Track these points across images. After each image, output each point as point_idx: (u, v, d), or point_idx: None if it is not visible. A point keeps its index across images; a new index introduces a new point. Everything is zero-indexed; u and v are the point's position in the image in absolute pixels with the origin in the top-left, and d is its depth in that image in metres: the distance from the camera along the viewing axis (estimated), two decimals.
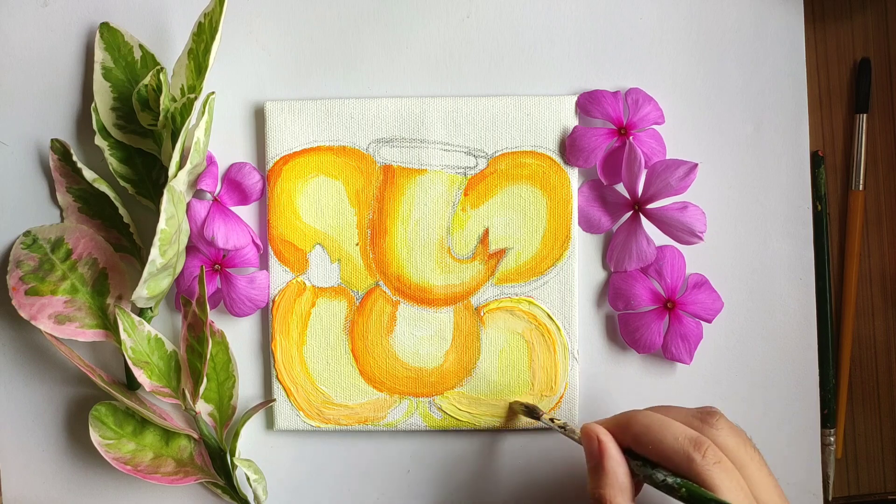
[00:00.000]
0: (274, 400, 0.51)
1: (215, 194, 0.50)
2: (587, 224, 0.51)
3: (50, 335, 0.48)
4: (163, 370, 0.49)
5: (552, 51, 0.51)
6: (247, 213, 0.51)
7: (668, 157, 0.50)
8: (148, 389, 0.48)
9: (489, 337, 0.50)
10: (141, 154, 0.50)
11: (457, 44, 0.51)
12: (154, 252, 0.44)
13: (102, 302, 0.49)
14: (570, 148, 0.50)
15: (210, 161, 0.50)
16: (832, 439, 0.52)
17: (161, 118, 0.47)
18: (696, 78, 0.51)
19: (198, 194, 0.50)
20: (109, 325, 0.49)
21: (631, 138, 0.49)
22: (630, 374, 0.51)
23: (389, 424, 0.51)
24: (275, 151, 0.50)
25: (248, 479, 0.50)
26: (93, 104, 0.50)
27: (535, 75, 0.51)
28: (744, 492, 0.39)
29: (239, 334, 0.51)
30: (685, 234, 0.48)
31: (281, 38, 0.51)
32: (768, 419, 0.51)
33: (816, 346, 0.51)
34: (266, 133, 0.50)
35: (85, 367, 0.48)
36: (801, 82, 0.51)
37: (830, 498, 0.52)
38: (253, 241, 0.50)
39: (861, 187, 0.52)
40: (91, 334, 0.48)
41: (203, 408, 0.50)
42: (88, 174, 0.48)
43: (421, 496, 0.52)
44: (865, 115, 0.52)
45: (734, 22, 0.51)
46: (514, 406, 0.50)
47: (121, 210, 0.49)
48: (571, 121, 0.50)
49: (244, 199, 0.51)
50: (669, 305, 0.49)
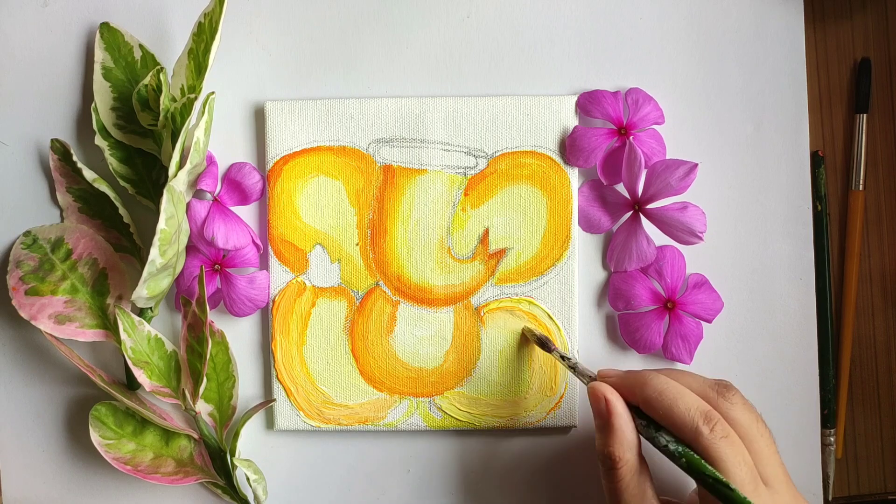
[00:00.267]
0: (274, 400, 0.51)
1: (215, 194, 0.50)
2: (587, 224, 0.51)
3: (50, 335, 0.48)
4: (163, 370, 0.49)
5: (552, 51, 0.51)
6: (247, 213, 0.51)
7: (668, 157, 0.50)
8: (148, 389, 0.48)
9: (489, 337, 0.50)
10: (141, 154, 0.50)
11: (457, 44, 0.51)
12: (154, 252, 0.44)
13: (102, 302, 0.49)
14: (570, 148, 0.50)
15: (210, 161, 0.50)
16: (832, 439, 0.52)
17: (161, 118, 0.47)
18: (696, 78, 0.51)
19: (198, 194, 0.50)
20: (109, 325, 0.49)
21: (631, 138, 0.49)
22: None
23: (389, 424, 0.51)
24: (275, 151, 0.50)
25: (248, 479, 0.50)
26: (93, 104, 0.50)
27: (535, 75, 0.51)
28: (748, 466, 0.40)
29: (239, 334, 0.51)
30: (685, 234, 0.48)
31: (281, 38, 0.51)
32: (768, 419, 0.51)
33: (816, 346, 0.51)
34: (266, 133, 0.50)
35: (85, 367, 0.48)
36: (801, 82, 0.51)
37: (830, 498, 0.52)
38: (253, 241, 0.50)
39: (861, 187, 0.52)
40: (91, 334, 0.48)
41: (203, 408, 0.50)
42: (88, 174, 0.48)
43: (421, 496, 0.52)
44: (865, 115, 0.52)
45: (734, 22, 0.51)
46: (526, 333, 0.50)
47: (121, 210, 0.49)
48: (571, 121, 0.50)
49: (244, 199, 0.51)
50: (669, 305, 0.49)
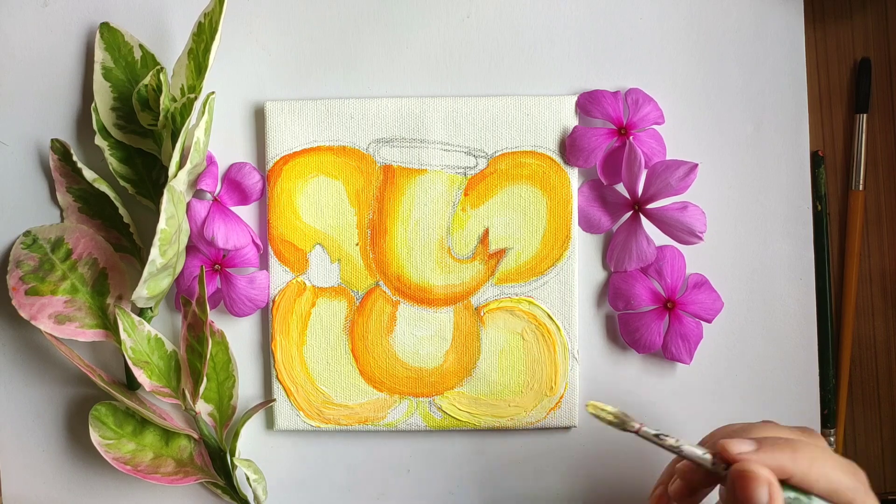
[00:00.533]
0: (274, 400, 0.51)
1: (215, 194, 0.50)
2: (587, 224, 0.51)
3: (50, 335, 0.48)
4: (163, 370, 0.49)
5: (552, 51, 0.51)
6: (247, 213, 0.51)
7: (668, 157, 0.50)
8: (148, 389, 0.48)
9: (489, 337, 0.50)
10: (141, 154, 0.50)
11: (457, 44, 0.51)
12: (154, 252, 0.44)
13: (102, 302, 0.49)
14: (570, 148, 0.50)
15: (210, 161, 0.50)
16: (832, 439, 0.52)
17: (161, 118, 0.47)
18: (696, 78, 0.51)
19: (198, 194, 0.50)
20: (109, 325, 0.49)
21: (631, 138, 0.49)
22: (630, 374, 0.51)
23: (389, 424, 0.51)
24: (275, 151, 0.50)
25: (248, 479, 0.50)
26: (93, 104, 0.50)
27: (535, 75, 0.51)
28: None
29: (239, 334, 0.51)
30: (685, 234, 0.48)
31: (281, 38, 0.51)
32: (768, 419, 0.51)
33: (816, 346, 0.51)
34: (266, 133, 0.50)
35: (85, 367, 0.48)
36: (801, 82, 0.51)
37: None
38: (253, 241, 0.50)
39: (861, 187, 0.52)
40: (91, 334, 0.48)
41: (203, 408, 0.50)
42: (88, 174, 0.48)
43: (421, 496, 0.52)
44: (865, 115, 0.52)
45: (734, 22, 0.51)
46: (600, 414, 0.40)
47: (121, 210, 0.49)
48: (571, 121, 0.50)
49: (244, 199, 0.51)
50: (669, 305, 0.49)
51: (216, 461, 0.50)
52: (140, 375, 0.48)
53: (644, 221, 0.49)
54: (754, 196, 0.51)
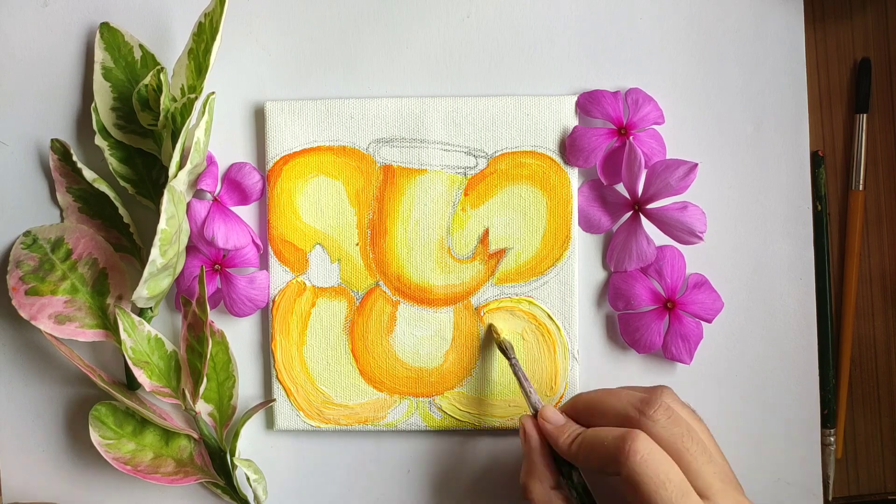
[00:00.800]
0: (274, 400, 0.51)
1: (215, 194, 0.50)
2: (587, 224, 0.51)
3: (50, 335, 0.48)
4: (163, 370, 0.49)
5: (552, 51, 0.51)
6: (247, 213, 0.51)
7: (668, 157, 0.50)
8: (148, 389, 0.48)
9: (489, 337, 0.50)
10: (141, 154, 0.50)
11: (457, 44, 0.51)
12: (154, 252, 0.44)
13: (102, 302, 0.49)
14: (570, 148, 0.50)
15: (210, 161, 0.50)
16: (832, 439, 0.52)
17: (161, 118, 0.47)
18: (696, 78, 0.51)
19: (198, 194, 0.50)
20: (109, 325, 0.49)
21: (631, 138, 0.49)
22: (630, 374, 0.51)
23: (389, 424, 0.51)
24: (275, 151, 0.50)
25: (248, 479, 0.50)
26: (93, 104, 0.50)
27: (535, 75, 0.51)
28: (674, 482, 0.40)
29: (239, 334, 0.51)
30: (685, 234, 0.48)
31: (281, 38, 0.51)
32: (768, 419, 0.51)
33: (816, 346, 0.51)
34: (266, 133, 0.50)
35: (85, 367, 0.48)
36: (801, 82, 0.51)
37: (830, 498, 0.52)
38: (253, 241, 0.50)
39: (861, 187, 0.52)
40: (91, 334, 0.48)
41: (203, 408, 0.50)
42: (88, 174, 0.48)
43: (421, 496, 0.52)
44: (865, 115, 0.52)
45: (734, 22, 0.51)
46: (493, 331, 0.50)
47: (121, 210, 0.49)
48: (571, 121, 0.50)
49: (244, 199, 0.51)
50: (669, 305, 0.49)
51: (216, 461, 0.50)
52: (140, 375, 0.48)
53: (644, 221, 0.49)
54: (754, 196, 0.51)
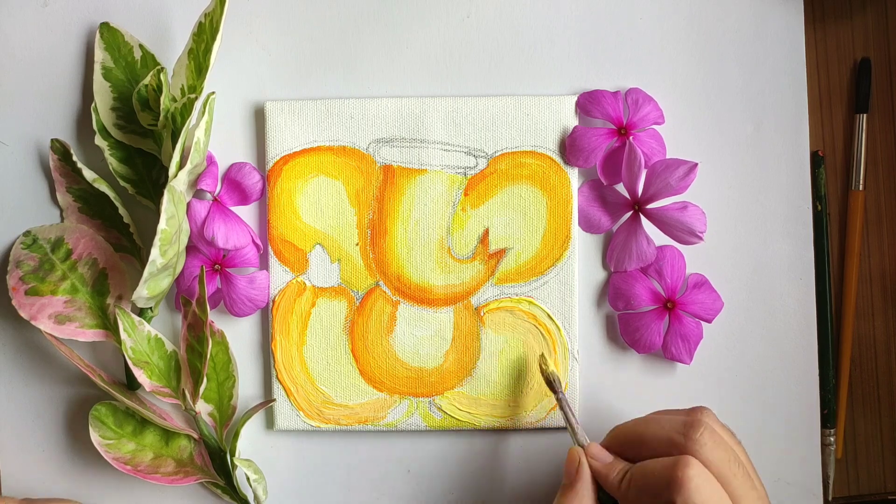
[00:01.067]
0: (274, 400, 0.51)
1: (215, 194, 0.50)
2: (587, 224, 0.51)
3: (50, 335, 0.48)
4: (163, 370, 0.49)
5: (552, 51, 0.51)
6: (247, 213, 0.51)
7: (668, 157, 0.50)
8: (148, 389, 0.48)
9: (489, 337, 0.50)
10: (141, 154, 0.50)
11: (457, 44, 0.51)
12: (154, 252, 0.44)
13: (102, 302, 0.49)
14: (570, 148, 0.50)
15: (210, 161, 0.50)
16: (832, 439, 0.52)
17: (161, 118, 0.47)
18: (696, 78, 0.51)
19: (198, 194, 0.50)
20: (109, 325, 0.49)
21: (631, 138, 0.49)
22: (630, 374, 0.51)
23: (389, 424, 0.51)
24: (275, 151, 0.50)
25: (248, 479, 0.50)
26: (93, 104, 0.50)
27: (535, 75, 0.51)
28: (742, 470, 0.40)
29: (239, 334, 0.51)
30: (685, 234, 0.48)
31: (281, 38, 0.51)
32: (768, 419, 0.51)
33: (816, 346, 0.51)
34: (266, 133, 0.50)
35: (85, 367, 0.48)
36: (801, 82, 0.51)
37: (830, 498, 0.52)
38: (253, 241, 0.50)
39: (861, 187, 0.52)
40: (91, 334, 0.48)
41: (203, 408, 0.50)
42: (88, 174, 0.48)
43: (421, 496, 0.52)
44: (865, 115, 0.52)
45: (734, 22, 0.51)
46: (540, 362, 0.49)
47: (121, 210, 0.49)
48: (571, 121, 0.50)
49: (244, 199, 0.51)
50: (669, 305, 0.49)
51: (216, 461, 0.50)
52: (140, 375, 0.48)
53: (644, 221, 0.49)
54: (754, 196, 0.51)
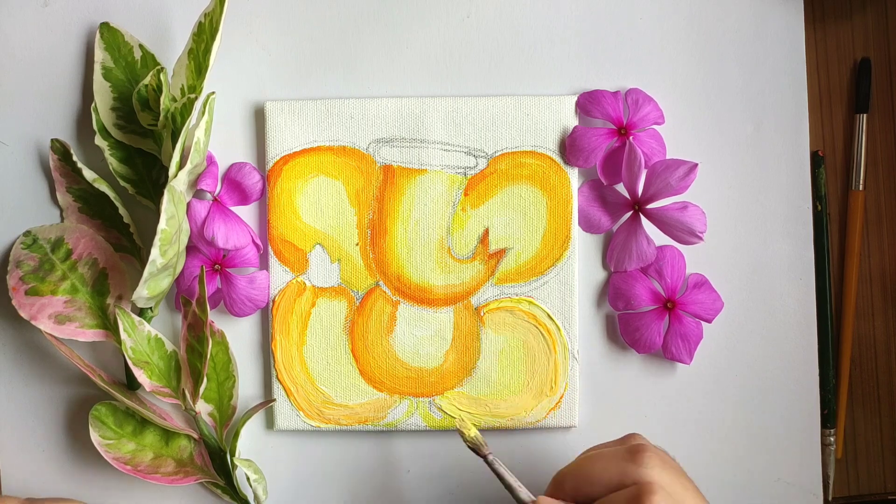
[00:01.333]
0: (274, 400, 0.51)
1: (215, 194, 0.50)
2: (587, 224, 0.51)
3: (50, 335, 0.48)
4: (163, 370, 0.49)
5: (552, 51, 0.51)
6: (247, 213, 0.51)
7: (668, 157, 0.50)
8: (148, 389, 0.48)
9: (489, 337, 0.50)
10: (141, 154, 0.50)
11: (457, 44, 0.51)
12: (155, 252, 0.44)
13: (102, 302, 0.49)
14: (570, 148, 0.50)
15: (210, 161, 0.50)
16: (832, 439, 0.52)
17: (161, 118, 0.47)
18: (696, 78, 0.51)
19: (198, 194, 0.50)
20: (109, 325, 0.49)
21: (631, 138, 0.49)
22: (630, 374, 0.51)
23: (389, 424, 0.51)
24: (275, 151, 0.50)
25: (248, 479, 0.50)
26: (93, 104, 0.50)
27: (535, 75, 0.51)
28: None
29: (239, 334, 0.51)
30: (685, 234, 0.48)
31: (281, 38, 0.51)
32: (768, 419, 0.51)
33: (816, 346, 0.51)
34: (266, 133, 0.50)
35: (85, 367, 0.48)
36: (801, 82, 0.51)
37: (830, 498, 0.52)
38: (253, 241, 0.50)
39: (861, 187, 0.52)
40: (91, 334, 0.48)
41: (203, 408, 0.50)
42: (88, 174, 0.48)
43: (421, 496, 0.52)
44: (865, 115, 0.52)
45: (734, 22, 0.51)
46: (461, 429, 0.45)
47: (121, 210, 0.49)
48: (571, 121, 0.50)
49: (244, 199, 0.51)
50: (669, 305, 0.49)
51: (216, 461, 0.50)
52: (140, 375, 0.48)
53: (644, 221, 0.49)
54: (754, 196, 0.51)
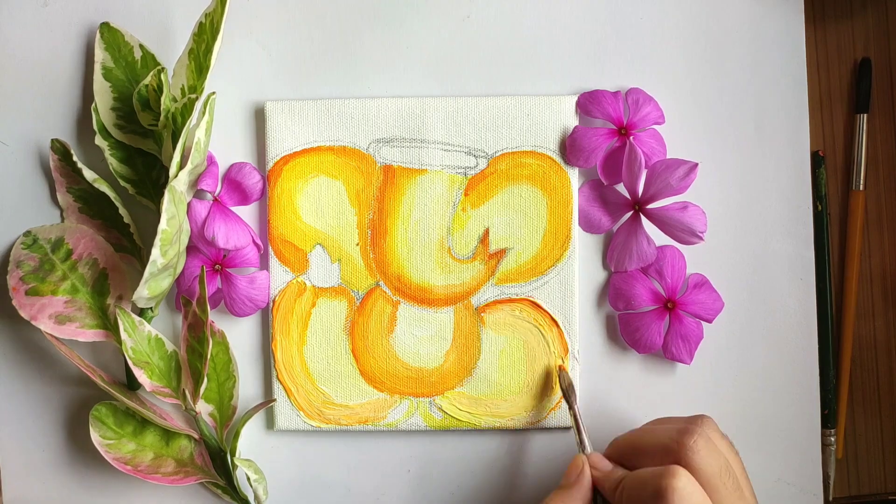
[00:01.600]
0: (274, 400, 0.51)
1: (216, 194, 0.50)
2: (587, 224, 0.51)
3: (50, 335, 0.48)
4: (163, 370, 0.49)
5: (552, 51, 0.51)
6: (247, 213, 0.51)
7: (669, 157, 0.50)
8: (148, 389, 0.48)
9: (489, 337, 0.50)
10: (141, 154, 0.50)
11: (457, 44, 0.51)
12: (155, 252, 0.44)
13: (103, 302, 0.49)
14: (571, 148, 0.50)
15: (210, 161, 0.50)
16: (832, 439, 0.52)
17: (162, 118, 0.47)
18: (696, 78, 0.51)
19: (198, 194, 0.50)
20: (110, 325, 0.49)
21: (631, 138, 0.49)
22: (630, 375, 0.51)
23: (390, 424, 0.51)
24: (275, 151, 0.50)
25: (249, 479, 0.50)
26: (93, 104, 0.50)
27: (535, 75, 0.51)
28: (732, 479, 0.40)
29: (239, 334, 0.51)
30: (685, 234, 0.48)
31: (281, 38, 0.51)
32: (768, 419, 0.51)
33: (817, 346, 0.51)
34: (266, 133, 0.50)
35: (85, 368, 0.48)
36: (802, 82, 0.51)
37: (831, 498, 0.52)
38: (253, 241, 0.50)
39: (861, 187, 0.52)
40: (91, 334, 0.48)
41: (203, 408, 0.50)
42: (88, 174, 0.48)
43: (421, 496, 0.52)
44: (866, 115, 0.52)
45: (734, 22, 0.51)
46: (560, 375, 0.49)
47: (121, 210, 0.49)
48: (572, 121, 0.50)
49: (244, 199, 0.51)
50: (670, 305, 0.49)
51: (216, 461, 0.50)
52: (140, 376, 0.48)
53: (644, 221, 0.49)
54: (754, 196, 0.51)
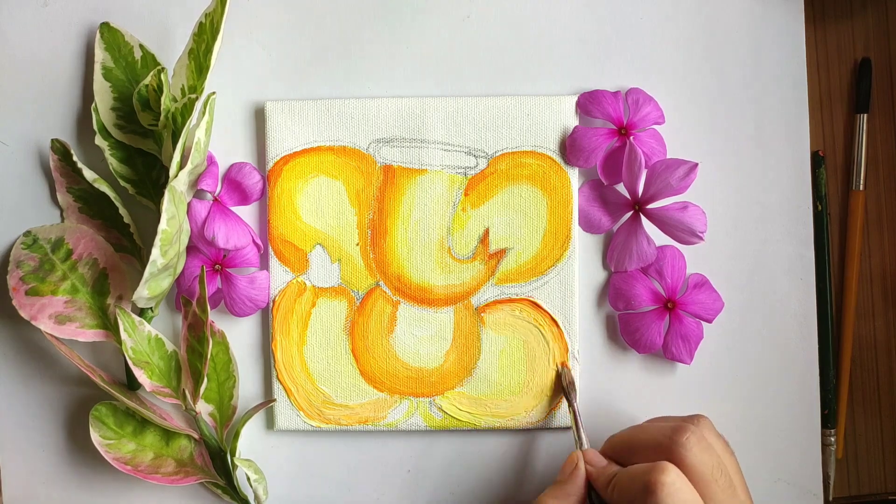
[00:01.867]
0: (274, 400, 0.51)
1: (216, 194, 0.50)
2: (587, 224, 0.51)
3: (50, 335, 0.48)
4: (163, 370, 0.49)
5: (552, 51, 0.51)
6: (247, 213, 0.51)
7: (669, 157, 0.50)
8: (148, 389, 0.48)
9: (489, 337, 0.50)
10: (141, 154, 0.50)
11: (457, 44, 0.51)
12: (155, 252, 0.44)
13: (103, 302, 0.49)
14: (571, 148, 0.50)
15: (210, 161, 0.50)
16: (832, 439, 0.52)
17: (162, 118, 0.47)
18: (696, 78, 0.51)
19: (198, 194, 0.50)
20: (110, 325, 0.49)
21: (631, 138, 0.49)
22: (630, 375, 0.51)
23: (390, 424, 0.51)
24: (275, 151, 0.50)
25: (249, 479, 0.50)
26: (93, 104, 0.50)
27: (535, 75, 0.51)
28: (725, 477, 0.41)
29: (239, 334, 0.51)
30: (685, 234, 0.48)
31: (281, 38, 0.51)
32: (768, 419, 0.51)
33: (817, 346, 0.51)
34: (266, 133, 0.50)
35: (85, 368, 0.48)
36: (802, 82, 0.51)
37: (831, 498, 0.52)
38: (253, 241, 0.50)
39: (861, 187, 0.52)
40: (91, 334, 0.48)
41: (203, 408, 0.50)
42: (88, 174, 0.48)
43: (421, 496, 0.52)
44: (866, 115, 0.52)
45: (734, 22, 0.51)
46: (562, 372, 0.50)
47: (121, 210, 0.49)
48: (572, 121, 0.50)
49: (244, 199, 0.51)
50: (670, 305, 0.49)
51: (216, 461, 0.50)
52: (140, 375, 0.48)
53: (644, 221, 0.49)
54: (754, 196, 0.51)
